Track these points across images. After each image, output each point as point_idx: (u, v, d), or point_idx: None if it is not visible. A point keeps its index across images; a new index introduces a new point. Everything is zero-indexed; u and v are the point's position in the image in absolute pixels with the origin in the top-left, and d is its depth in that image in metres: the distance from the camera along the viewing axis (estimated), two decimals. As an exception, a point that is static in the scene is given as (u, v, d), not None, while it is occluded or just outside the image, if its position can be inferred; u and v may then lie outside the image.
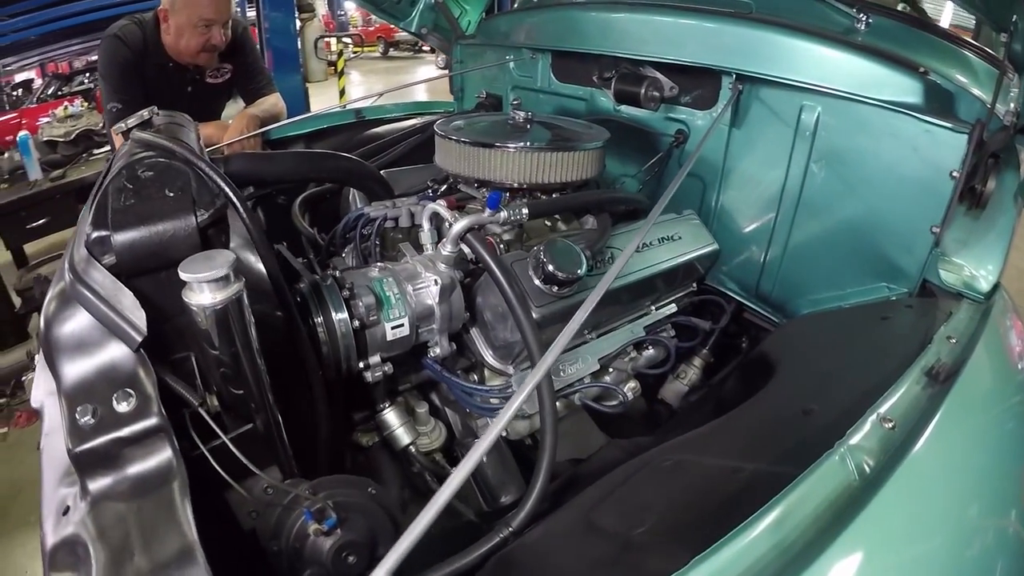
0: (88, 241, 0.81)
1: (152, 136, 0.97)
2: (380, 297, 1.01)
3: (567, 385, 1.24)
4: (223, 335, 0.74)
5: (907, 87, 1.18)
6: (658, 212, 1.02)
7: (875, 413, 0.77)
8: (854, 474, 0.68)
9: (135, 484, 0.68)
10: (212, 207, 0.84)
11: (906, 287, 1.25)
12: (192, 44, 2.15)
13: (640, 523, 0.68)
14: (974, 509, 0.73)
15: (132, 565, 0.59)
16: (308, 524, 0.74)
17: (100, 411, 0.70)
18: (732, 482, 0.69)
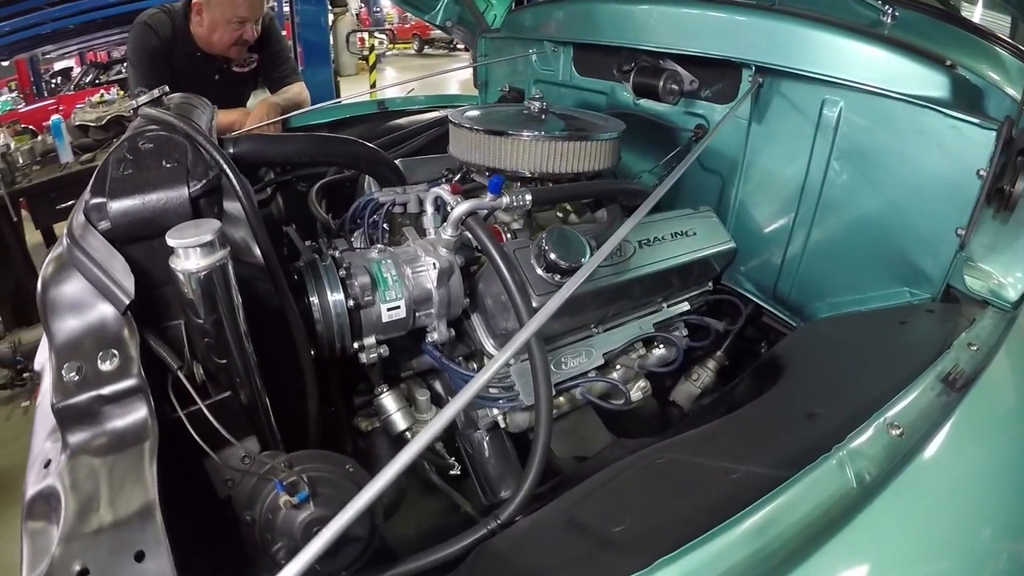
0: (86, 207, 0.83)
1: (158, 112, 1.00)
2: (376, 278, 1.01)
3: (569, 378, 1.22)
4: (207, 302, 0.76)
5: (933, 81, 1.12)
6: (657, 197, 0.99)
7: (882, 418, 0.73)
8: (852, 482, 0.64)
9: (111, 440, 0.70)
10: (205, 178, 0.85)
11: (929, 292, 1.19)
12: (225, 39, 2.22)
13: (619, 522, 0.66)
14: (987, 530, 0.68)
15: (96, 517, 0.61)
16: (279, 495, 0.73)
17: (85, 368, 0.72)
18: (722, 484, 0.66)
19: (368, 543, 0.81)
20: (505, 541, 0.80)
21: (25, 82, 8.68)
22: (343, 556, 0.80)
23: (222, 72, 2.35)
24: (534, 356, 0.95)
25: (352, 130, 2.30)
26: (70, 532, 0.60)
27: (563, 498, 0.82)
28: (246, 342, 0.83)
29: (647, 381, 1.44)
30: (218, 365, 0.83)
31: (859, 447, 0.68)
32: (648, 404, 1.62)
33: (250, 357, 0.84)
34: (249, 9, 2.18)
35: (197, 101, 1.31)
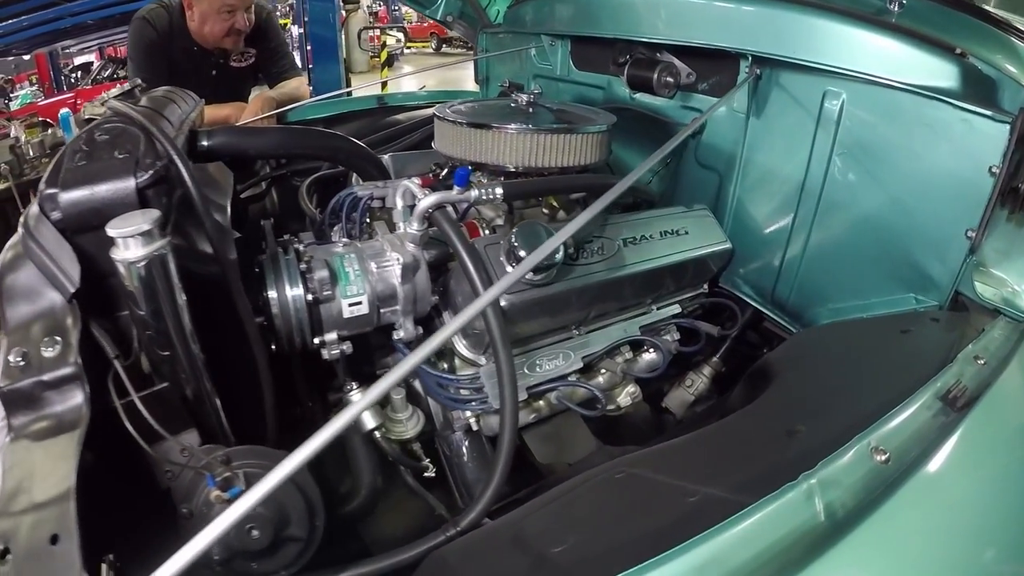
0: (40, 197, 0.83)
1: (122, 104, 0.99)
2: (337, 272, 0.96)
3: (545, 382, 1.16)
4: (147, 293, 0.75)
5: (942, 71, 1.05)
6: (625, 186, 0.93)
7: (866, 441, 0.65)
8: (820, 515, 0.56)
9: (49, 425, 0.72)
10: (152, 168, 0.83)
11: (936, 299, 1.12)
12: (216, 30, 2.20)
13: (562, 541, 0.61)
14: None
15: (25, 498, 0.63)
16: (211, 491, 0.71)
17: (30, 354, 0.74)
18: (676, 506, 0.60)
19: (307, 544, 0.80)
20: (454, 551, 0.77)
21: (45, 76, 8.89)
22: (280, 556, 0.78)
23: (219, 67, 2.35)
24: (499, 358, 0.89)
25: (350, 125, 2.27)
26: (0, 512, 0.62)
27: (519, 510, 0.77)
28: (190, 335, 0.82)
29: (637, 387, 1.38)
30: (160, 356, 0.82)
31: (833, 474, 0.60)
32: (640, 410, 1.56)
33: (194, 349, 0.82)
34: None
35: (180, 95, 1.29)
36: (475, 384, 1.08)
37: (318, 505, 0.80)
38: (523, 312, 1.04)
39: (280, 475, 0.55)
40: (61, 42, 7.40)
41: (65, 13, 5.75)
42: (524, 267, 0.75)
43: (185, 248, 0.94)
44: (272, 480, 0.54)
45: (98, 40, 8.36)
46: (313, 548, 0.80)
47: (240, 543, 0.73)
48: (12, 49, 7.45)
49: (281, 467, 0.55)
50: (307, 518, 0.78)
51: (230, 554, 0.75)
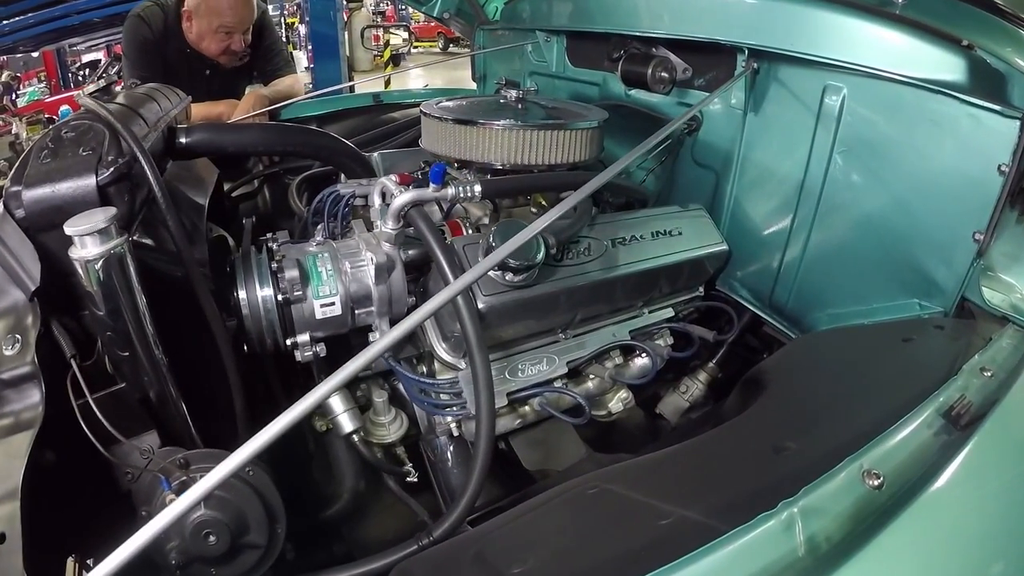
0: (5, 195, 0.83)
1: (92, 101, 0.97)
2: (309, 272, 0.93)
3: (527, 387, 1.11)
4: (104, 292, 0.74)
5: (948, 63, 0.99)
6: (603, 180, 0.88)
7: (857, 463, 0.59)
8: (800, 548, 0.51)
9: (7, 423, 0.71)
10: (114, 166, 0.81)
11: (941, 305, 1.07)
12: (212, 47, 2.21)
13: (522, 561, 0.56)
14: None
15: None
16: (166, 494, 0.70)
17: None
18: (646, 530, 0.55)
19: (267, 551, 0.78)
20: (419, 563, 0.74)
21: (52, 73, 8.94)
22: (239, 563, 0.77)
23: (213, 67, 2.33)
24: (475, 361, 0.85)
25: (345, 123, 2.25)
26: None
27: (488, 523, 0.74)
28: (151, 335, 0.79)
29: (629, 392, 1.33)
30: (120, 357, 0.80)
31: (819, 501, 0.54)
32: (634, 416, 1.51)
33: (155, 350, 0.80)
34: (236, 20, 2.16)
35: (163, 92, 1.27)
36: (454, 389, 1.04)
37: (279, 511, 0.78)
38: (503, 315, 0.99)
39: (223, 471, 0.53)
40: (68, 39, 7.43)
41: (71, 11, 5.76)
42: (495, 257, 0.71)
43: (153, 247, 0.91)
44: (215, 477, 0.52)
45: (105, 38, 8.38)
46: (274, 555, 0.79)
47: (197, 548, 0.72)
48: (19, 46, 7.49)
49: (226, 463, 0.53)
50: (267, 524, 0.76)
51: (188, 559, 0.74)
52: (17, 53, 8.00)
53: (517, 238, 0.73)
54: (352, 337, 1.11)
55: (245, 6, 2.17)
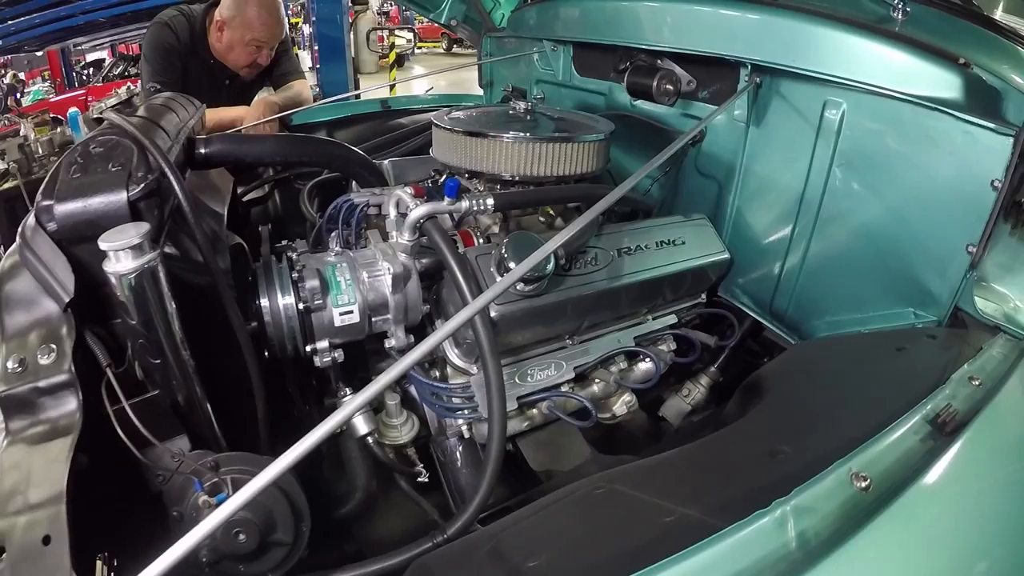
0: (37, 209, 0.86)
1: (117, 116, 1.01)
2: (328, 281, 0.97)
3: (536, 392, 1.15)
4: (138, 304, 0.77)
5: (945, 81, 1.03)
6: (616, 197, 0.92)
7: (846, 467, 0.64)
8: (792, 543, 0.55)
9: (43, 430, 0.74)
10: (144, 182, 0.85)
11: (935, 315, 1.10)
12: (240, 60, 2.28)
13: (536, 555, 0.60)
14: None
15: (20, 499, 0.66)
16: (198, 495, 0.74)
17: (27, 361, 0.77)
18: (651, 526, 0.59)
19: (292, 548, 0.82)
20: (436, 560, 0.78)
21: (57, 72, 8.97)
22: (267, 559, 0.81)
23: (233, 79, 2.39)
24: (488, 367, 0.89)
25: (353, 129, 2.29)
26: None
27: (502, 520, 0.78)
28: (180, 343, 0.83)
29: (633, 396, 1.37)
30: (152, 364, 0.84)
31: (809, 501, 0.58)
32: (637, 419, 1.55)
33: (185, 358, 0.84)
34: (268, 34, 2.23)
35: (180, 102, 1.31)
36: (466, 393, 1.08)
37: (304, 510, 0.82)
38: (514, 322, 1.03)
39: (263, 480, 0.56)
40: (73, 39, 7.46)
41: (77, 11, 5.79)
42: (511, 278, 0.75)
43: (178, 257, 0.95)
44: (255, 485, 0.56)
45: (110, 37, 8.41)
46: (299, 552, 0.82)
47: (227, 546, 0.75)
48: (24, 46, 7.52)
49: (265, 473, 0.56)
50: (293, 523, 0.80)
51: (218, 556, 0.77)
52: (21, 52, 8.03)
53: (534, 256, 0.76)
54: (367, 342, 1.15)
55: (277, 23, 2.25)
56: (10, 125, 4.51)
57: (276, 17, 2.24)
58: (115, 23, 7.16)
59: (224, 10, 2.20)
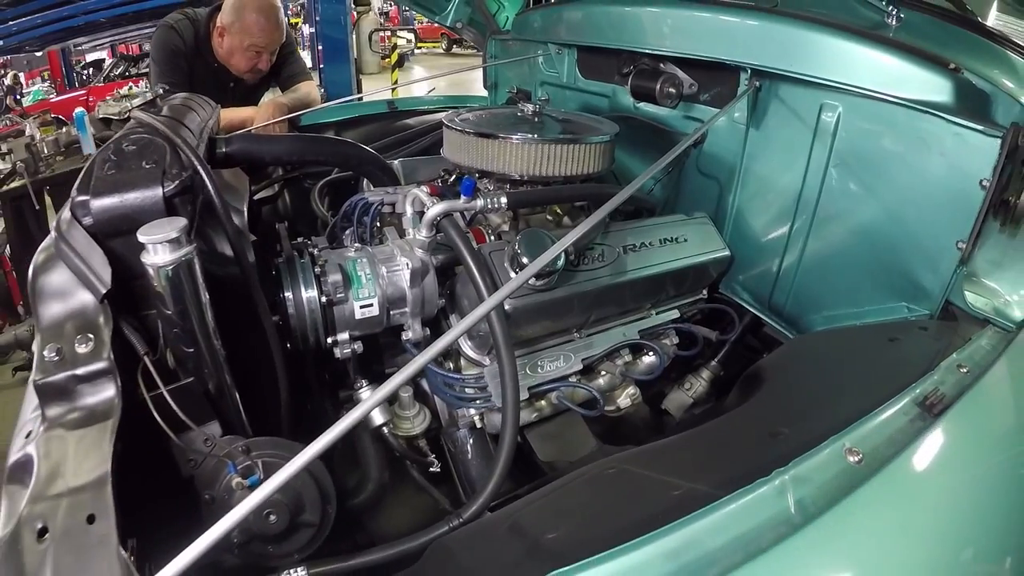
0: (72, 204, 0.89)
1: (146, 115, 1.05)
2: (350, 276, 1.01)
3: (546, 382, 1.20)
4: (174, 294, 0.80)
5: (936, 85, 1.08)
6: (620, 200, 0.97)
7: (841, 442, 0.69)
8: (791, 508, 0.60)
9: (81, 416, 0.76)
10: (178, 179, 0.89)
11: (927, 308, 1.15)
12: (240, 65, 2.32)
13: (554, 529, 0.65)
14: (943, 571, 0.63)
15: (61, 482, 0.67)
16: (233, 477, 0.77)
17: (64, 350, 0.78)
18: (661, 499, 0.64)
19: (319, 530, 0.86)
20: (456, 539, 0.81)
21: (57, 72, 8.99)
22: (295, 540, 0.84)
23: (237, 81, 2.43)
24: (502, 359, 0.94)
25: (361, 129, 2.33)
26: (37, 495, 0.66)
27: (517, 502, 0.82)
28: (213, 333, 0.87)
29: (636, 388, 1.42)
30: (185, 353, 0.87)
31: (807, 472, 0.64)
32: (640, 411, 1.59)
33: (216, 347, 0.87)
34: (266, 39, 2.26)
35: (198, 101, 1.35)
36: (479, 383, 1.12)
37: (331, 493, 0.85)
38: (525, 316, 1.08)
39: (297, 464, 0.60)
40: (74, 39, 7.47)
41: (79, 11, 5.82)
42: (526, 274, 0.79)
43: (206, 251, 0.99)
44: (290, 469, 0.60)
45: (110, 37, 8.44)
46: (325, 533, 0.86)
47: (258, 527, 0.78)
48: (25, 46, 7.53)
49: (299, 457, 0.60)
50: (320, 505, 0.83)
51: (248, 537, 0.81)
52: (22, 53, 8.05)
53: (548, 252, 0.81)
54: (381, 335, 1.20)
55: (276, 28, 2.28)
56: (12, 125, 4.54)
57: (275, 22, 2.27)
58: (116, 23, 7.19)
59: (224, 16, 2.24)
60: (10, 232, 3.61)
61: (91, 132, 3.75)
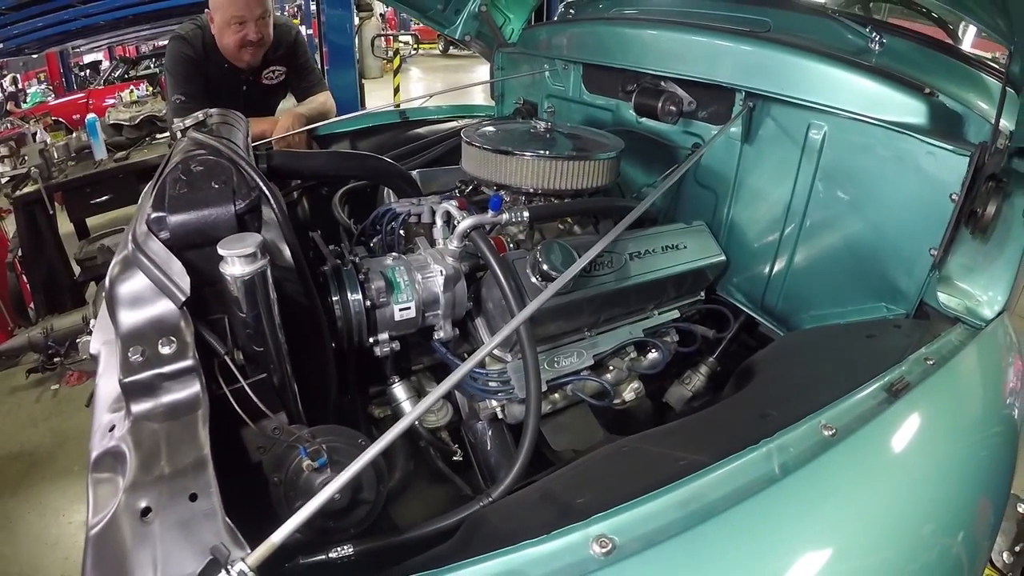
0: (148, 219, 0.98)
1: (204, 136, 1.15)
2: (391, 282, 1.13)
3: (562, 376, 1.32)
4: (249, 301, 0.90)
5: (912, 108, 1.20)
6: (639, 212, 1.09)
7: (818, 420, 0.82)
8: (776, 470, 0.73)
9: (168, 410, 0.83)
10: (248, 198, 0.99)
11: (904, 308, 1.27)
12: (230, 42, 2.34)
13: (582, 495, 0.77)
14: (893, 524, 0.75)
15: (157, 468, 0.73)
16: (303, 460, 0.86)
17: (148, 352, 0.85)
18: (670, 468, 0.76)
19: (374, 506, 0.94)
20: (491, 512, 0.91)
21: (55, 75, 8.98)
22: (353, 516, 0.92)
23: (250, 83, 2.51)
24: (526, 355, 1.06)
25: (375, 139, 2.41)
26: (135, 480, 0.72)
27: (544, 479, 0.93)
28: (279, 333, 0.96)
29: (640, 383, 1.54)
30: (256, 352, 0.97)
31: (789, 442, 0.77)
32: (643, 404, 1.71)
33: (282, 346, 0.97)
34: (244, 8, 2.27)
35: (233, 118, 1.45)
36: (503, 377, 1.24)
37: (384, 474, 0.94)
38: (544, 316, 1.20)
39: (375, 449, 0.70)
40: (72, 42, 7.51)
41: (79, 15, 5.87)
42: (557, 284, 0.92)
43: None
44: (371, 452, 0.69)
45: (108, 39, 8.47)
46: (378, 509, 0.94)
47: (325, 504, 0.88)
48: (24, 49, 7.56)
49: (376, 444, 0.70)
50: (376, 484, 0.92)
51: (314, 515, 0.90)
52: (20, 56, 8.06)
53: (575, 266, 0.93)
54: (409, 336, 1.31)
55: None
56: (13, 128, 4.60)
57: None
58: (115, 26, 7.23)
59: (209, 2, 2.30)
60: (22, 236, 3.69)
61: (102, 138, 3.85)
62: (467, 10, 2.43)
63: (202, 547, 0.64)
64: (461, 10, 2.44)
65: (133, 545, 0.66)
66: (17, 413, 3.08)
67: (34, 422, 3.00)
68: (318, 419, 1.10)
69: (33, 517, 2.44)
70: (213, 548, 0.61)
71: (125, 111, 4.32)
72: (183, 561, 0.64)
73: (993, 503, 0.89)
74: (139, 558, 0.65)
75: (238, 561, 0.58)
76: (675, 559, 0.63)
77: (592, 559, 0.62)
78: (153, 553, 0.65)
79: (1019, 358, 1.13)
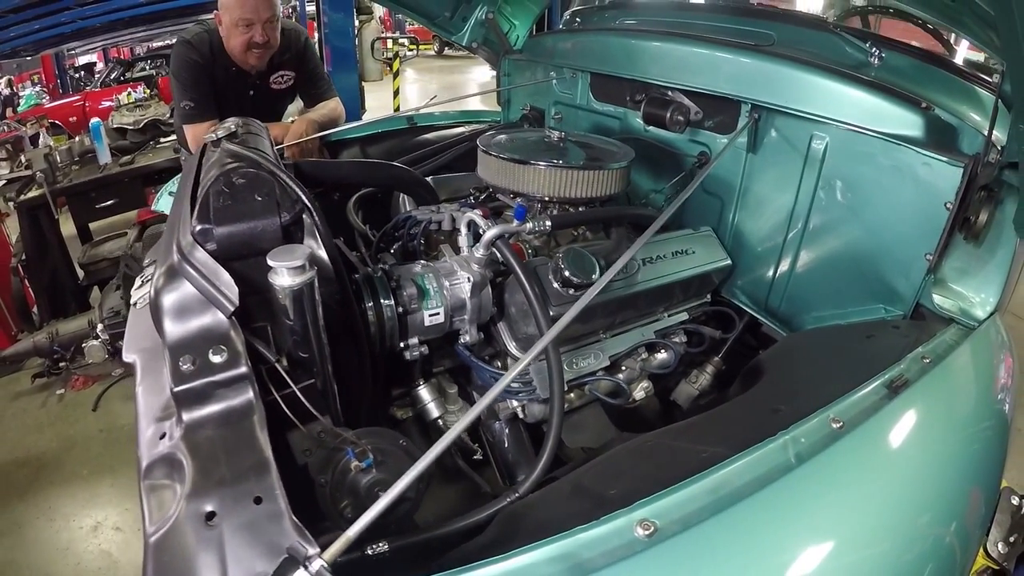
0: (194, 231, 1.00)
1: (240, 148, 1.17)
2: (421, 288, 1.19)
3: (579, 376, 1.39)
4: (297, 310, 0.93)
5: (909, 121, 1.26)
6: (660, 223, 1.15)
7: (827, 413, 0.89)
8: (792, 459, 0.81)
9: (222, 416, 0.84)
10: (293, 210, 1.03)
11: (901, 309, 1.34)
12: (237, 43, 2.34)
13: (612, 487, 0.83)
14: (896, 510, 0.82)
15: (217, 473, 0.75)
16: (350, 461, 0.90)
17: (199, 361, 0.86)
18: (693, 460, 0.82)
19: (415, 504, 0.98)
20: (522, 505, 0.96)
21: (50, 77, 8.91)
22: (395, 513, 0.95)
23: (256, 87, 2.52)
24: (551, 358, 1.12)
25: (384, 144, 2.46)
26: (196, 485, 0.73)
27: (573, 473, 0.98)
28: (324, 340, 1.00)
29: (650, 382, 1.61)
30: (301, 358, 1.00)
31: (802, 434, 0.85)
32: (652, 403, 1.78)
33: (326, 352, 1.01)
34: (252, 11, 2.28)
35: (257, 127, 1.49)
36: (525, 379, 1.31)
37: (424, 474, 0.99)
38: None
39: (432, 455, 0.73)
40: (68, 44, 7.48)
41: (76, 17, 5.86)
42: (588, 296, 0.98)
43: None
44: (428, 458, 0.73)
45: (103, 41, 8.44)
46: (418, 506, 0.98)
47: (370, 502, 0.87)
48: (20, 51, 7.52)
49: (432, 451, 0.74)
50: (415, 483, 0.91)
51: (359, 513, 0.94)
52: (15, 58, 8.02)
53: (606, 276, 1.01)
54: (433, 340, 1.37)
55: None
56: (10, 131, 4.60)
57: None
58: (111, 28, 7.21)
59: (218, 2, 2.32)
60: (26, 240, 3.69)
61: (107, 142, 3.87)
62: (474, 17, 2.47)
63: (270, 548, 0.65)
64: (468, 17, 2.48)
65: (198, 549, 0.66)
66: (23, 418, 3.07)
67: (40, 427, 2.99)
68: (352, 421, 1.14)
69: (43, 523, 2.43)
70: (290, 547, 0.63)
71: (128, 115, 4.34)
72: (252, 562, 0.64)
73: (985, 494, 0.97)
74: (205, 561, 0.65)
75: (316, 558, 0.59)
76: (712, 538, 0.70)
77: (638, 540, 0.68)
78: (220, 556, 0.65)
79: (1010, 356, 1.20)
